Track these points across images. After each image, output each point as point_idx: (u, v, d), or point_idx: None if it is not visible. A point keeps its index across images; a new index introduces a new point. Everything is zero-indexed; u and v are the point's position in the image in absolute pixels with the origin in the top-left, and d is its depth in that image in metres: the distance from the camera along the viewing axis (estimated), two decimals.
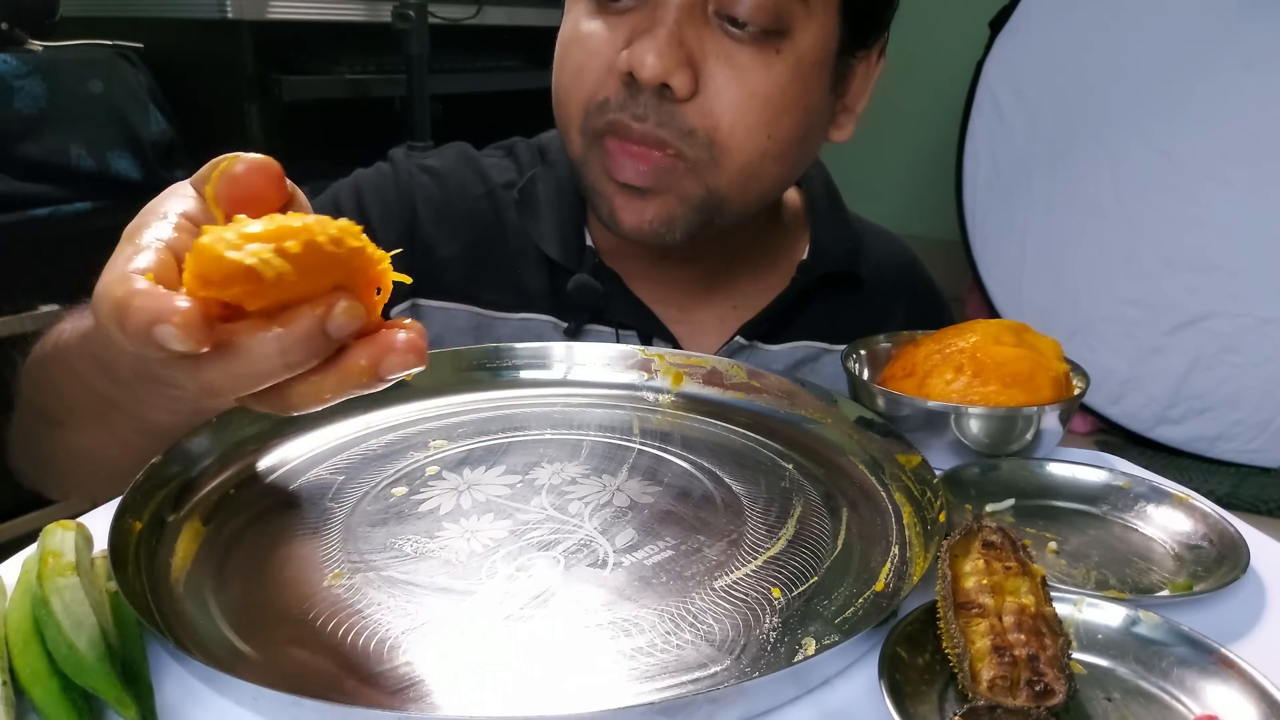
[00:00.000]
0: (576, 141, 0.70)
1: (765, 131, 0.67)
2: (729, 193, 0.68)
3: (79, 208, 1.54)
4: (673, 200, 0.68)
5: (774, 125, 0.67)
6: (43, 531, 0.46)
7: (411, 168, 0.81)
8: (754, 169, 0.68)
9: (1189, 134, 2.08)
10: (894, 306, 0.86)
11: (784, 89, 0.67)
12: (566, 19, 0.71)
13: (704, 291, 0.82)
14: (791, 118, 0.68)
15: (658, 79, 0.63)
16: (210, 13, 1.67)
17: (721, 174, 0.67)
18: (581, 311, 0.78)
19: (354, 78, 1.88)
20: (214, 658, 0.41)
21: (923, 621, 0.43)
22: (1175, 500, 0.56)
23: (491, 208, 0.81)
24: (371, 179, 0.82)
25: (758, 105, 0.66)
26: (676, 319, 0.80)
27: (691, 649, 0.42)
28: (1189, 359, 2.09)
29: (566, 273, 0.78)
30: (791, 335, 0.82)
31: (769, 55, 0.65)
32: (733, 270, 0.82)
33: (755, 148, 0.67)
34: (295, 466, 0.57)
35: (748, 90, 0.65)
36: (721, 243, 0.77)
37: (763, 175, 0.69)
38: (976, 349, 0.64)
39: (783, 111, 0.67)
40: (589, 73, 0.67)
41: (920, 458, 0.56)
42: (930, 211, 2.70)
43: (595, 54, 0.67)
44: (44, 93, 1.48)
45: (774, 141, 0.68)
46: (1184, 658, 0.42)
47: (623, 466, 0.58)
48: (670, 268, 0.80)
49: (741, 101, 0.65)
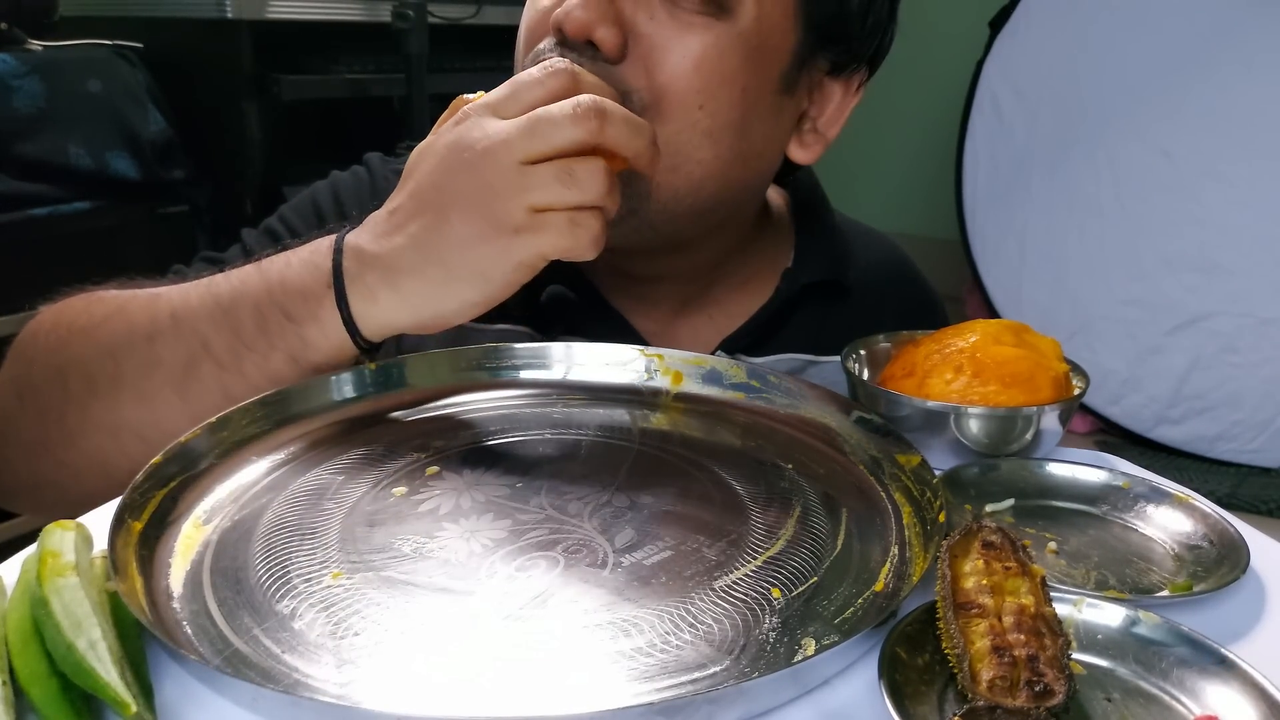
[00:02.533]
0: None
1: (697, 99, 0.65)
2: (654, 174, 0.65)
3: (78, 207, 1.54)
4: None
5: (706, 95, 0.65)
6: (42, 531, 0.46)
7: (388, 173, 0.80)
8: (682, 143, 0.65)
9: (1189, 134, 2.09)
10: (882, 312, 0.84)
11: (720, 57, 0.64)
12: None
13: (681, 304, 0.80)
14: (727, 94, 0.66)
15: (581, 32, 0.63)
16: (209, 12, 1.68)
17: None
18: (557, 322, 0.76)
19: (353, 77, 1.88)
20: (213, 658, 0.41)
21: (922, 622, 0.43)
22: (1175, 500, 0.56)
23: None
24: (348, 183, 0.81)
25: (689, 68, 0.64)
26: (654, 330, 0.78)
27: (691, 649, 0.42)
28: (1189, 359, 2.09)
29: (542, 283, 0.75)
30: (776, 347, 0.80)
31: (706, 22, 0.64)
32: (713, 281, 0.80)
33: (686, 117, 0.65)
34: (295, 466, 0.57)
35: (681, 50, 0.64)
36: (690, 257, 0.76)
37: (693, 155, 0.66)
38: (976, 349, 0.64)
39: (717, 84, 0.65)
40: (530, 33, 0.69)
41: (920, 458, 0.56)
42: (930, 211, 2.70)
43: (542, 12, 0.68)
44: (43, 92, 1.48)
45: (706, 114, 0.65)
46: (1184, 658, 0.42)
47: (622, 466, 0.58)
48: (648, 280, 0.78)
49: (675, 61, 0.64)
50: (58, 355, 0.65)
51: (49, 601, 0.40)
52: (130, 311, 0.64)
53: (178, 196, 1.69)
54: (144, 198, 1.64)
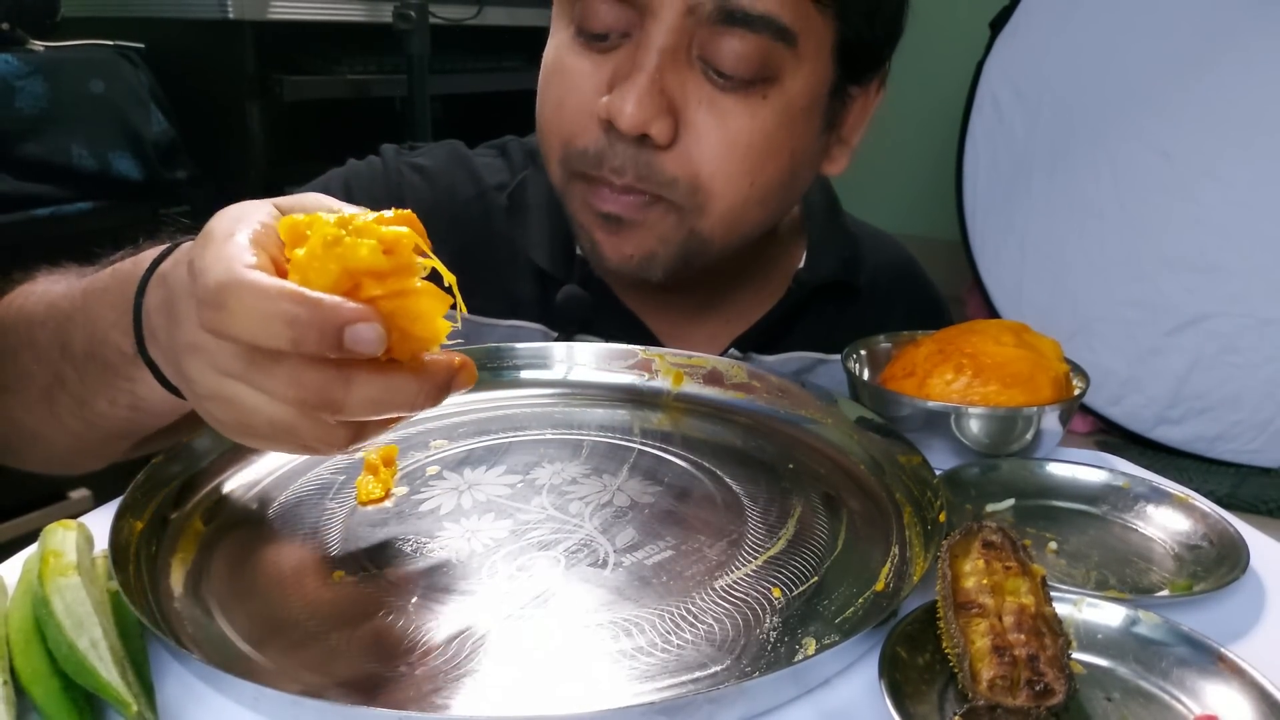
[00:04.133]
0: (557, 174, 0.70)
1: (748, 180, 0.66)
2: (711, 236, 0.68)
3: (80, 208, 1.54)
4: (651, 237, 0.67)
5: (757, 173, 0.66)
6: (43, 531, 0.46)
7: (402, 166, 0.80)
8: (737, 214, 0.67)
9: (1188, 134, 2.08)
10: (891, 313, 0.85)
11: (769, 135, 0.65)
12: (551, 43, 0.69)
13: (697, 304, 0.80)
14: (776, 164, 0.67)
15: (636, 129, 0.62)
16: (211, 13, 1.68)
17: (704, 217, 0.66)
18: (570, 322, 0.77)
19: (355, 78, 1.88)
20: (214, 657, 0.41)
21: (923, 621, 0.43)
22: (1175, 500, 0.56)
23: (482, 210, 0.80)
24: (362, 172, 0.81)
25: (740, 153, 0.64)
26: (668, 332, 0.79)
27: (691, 649, 0.42)
28: (1189, 359, 2.08)
29: (557, 281, 0.77)
30: (787, 346, 0.81)
31: (755, 102, 0.64)
32: (727, 283, 0.81)
33: (738, 194, 0.66)
34: (296, 466, 0.57)
35: (730, 138, 0.64)
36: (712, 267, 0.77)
37: (746, 219, 0.68)
38: (976, 349, 0.64)
39: (767, 158, 0.66)
40: (569, 111, 0.66)
41: (920, 458, 0.56)
42: (930, 212, 2.70)
43: (576, 91, 0.66)
44: (45, 93, 1.48)
45: (756, 188, 0.66)
46: (1184, 658, 0.42)
47: (623, 466, 0.58)
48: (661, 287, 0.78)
49: (723, 150, 0.64)
50: None
51: (50, 601, 0.41)
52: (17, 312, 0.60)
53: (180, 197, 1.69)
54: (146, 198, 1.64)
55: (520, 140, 0.85)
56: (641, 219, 0.66)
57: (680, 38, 0.62)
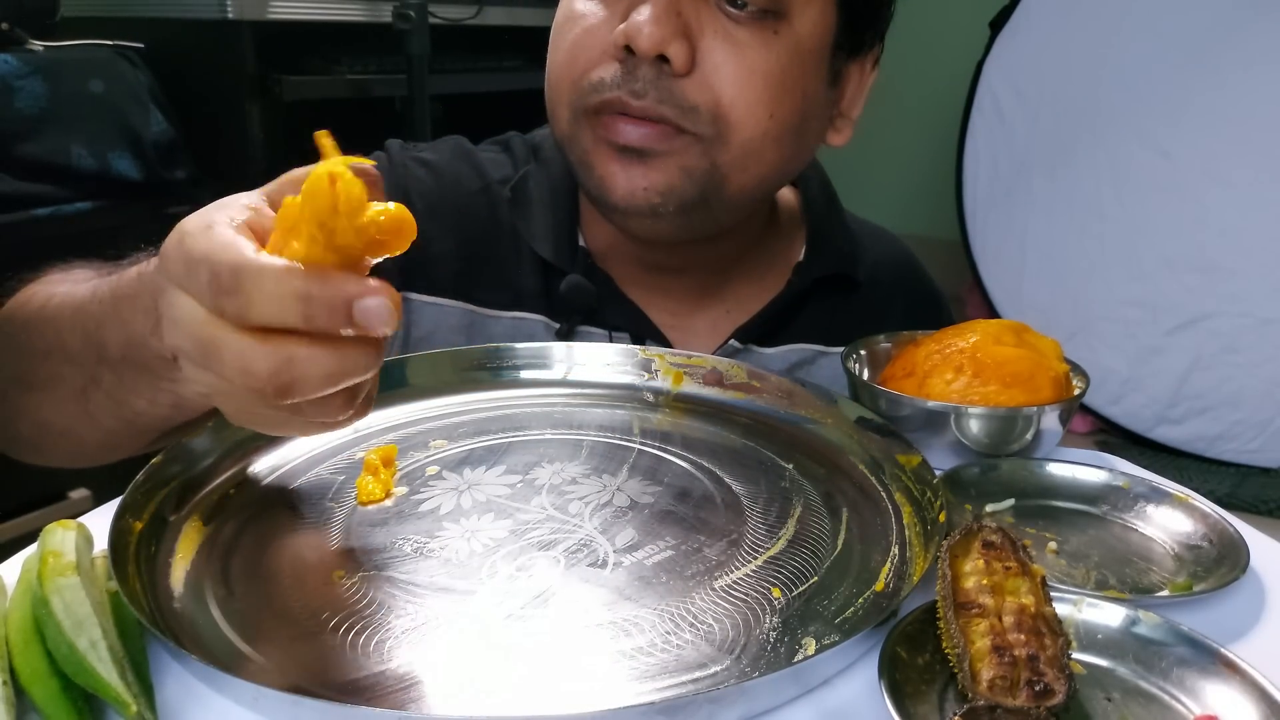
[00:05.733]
0: (564, 118, 0.70)
1: (766, 110, 0.67)
2: (730, 170, 0.68)
3: (80, 208, 1.54)
4: (674, 167, 0.67)
5: (775, 104, 0.67)
6: (43, 531, 0.46)
7: (407, 160, 0.81)
8: (755, 147, 0.68)
9: (1189, 134, 2.09)
10: (891, 307, 0.86)
11: (784, 68, 0.66)
12: (562, 4, 0.70)
13: (698, 295, 0.81)
14: (792, 100, 0.68)
15: (655, 48, 0.63)
16: (211, 13, 1.68)
17: (725, 149, 0.67)
18: (574, 313, 0.78)
19: (355, 78, 1.88)
20: (214, 657, 0.41)
21: (923, 621, 0.43)
22: (1175, 500, 0.56)
23: (487, 203, 0.80)
24: None
25: (759, 82, 0.66)
26: (670, 323, 0.80)
27: (691, 649, 0.42)
28: (1189, 359, 2.09)
29: (560, 273, 0.77)
30: (787, 338, 0.82)
31: (767, 34, 0.65)
32: (728, 274, 0.81)
33: (757, 125, 0.67)
34: (295, 466, 0.57)
35: (747, 67, 0.65)
36: (716, 247, 0.77)
37: (763, 157, 0.69)
38: (976, 349, 0.64)
39: (783, 92, 0.67)
40: (584, 50, 0.67)
41: (920, 458, 0.56)
42: (930, 211, 2.70)
43: (591, 31, 0.67)
44: (45, 93, 1.48)
45: (775, 122, 0.67)
46: (1184, 658, 0.42)
47: (623, 466, 0.58)
48: (664, 271, 0.79)
49: (742, 78, 0.65)
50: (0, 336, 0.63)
51: (50, 601, 0.41)
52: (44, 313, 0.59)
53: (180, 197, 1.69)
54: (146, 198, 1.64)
55: (523, 136, 0.85)
56: (666, 148, 0.66)
57: None
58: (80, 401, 0.56)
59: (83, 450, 0.62)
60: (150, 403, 0.52)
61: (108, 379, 0.53)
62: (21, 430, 0.63)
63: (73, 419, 0.58)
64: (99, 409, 0.55)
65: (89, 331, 0.53)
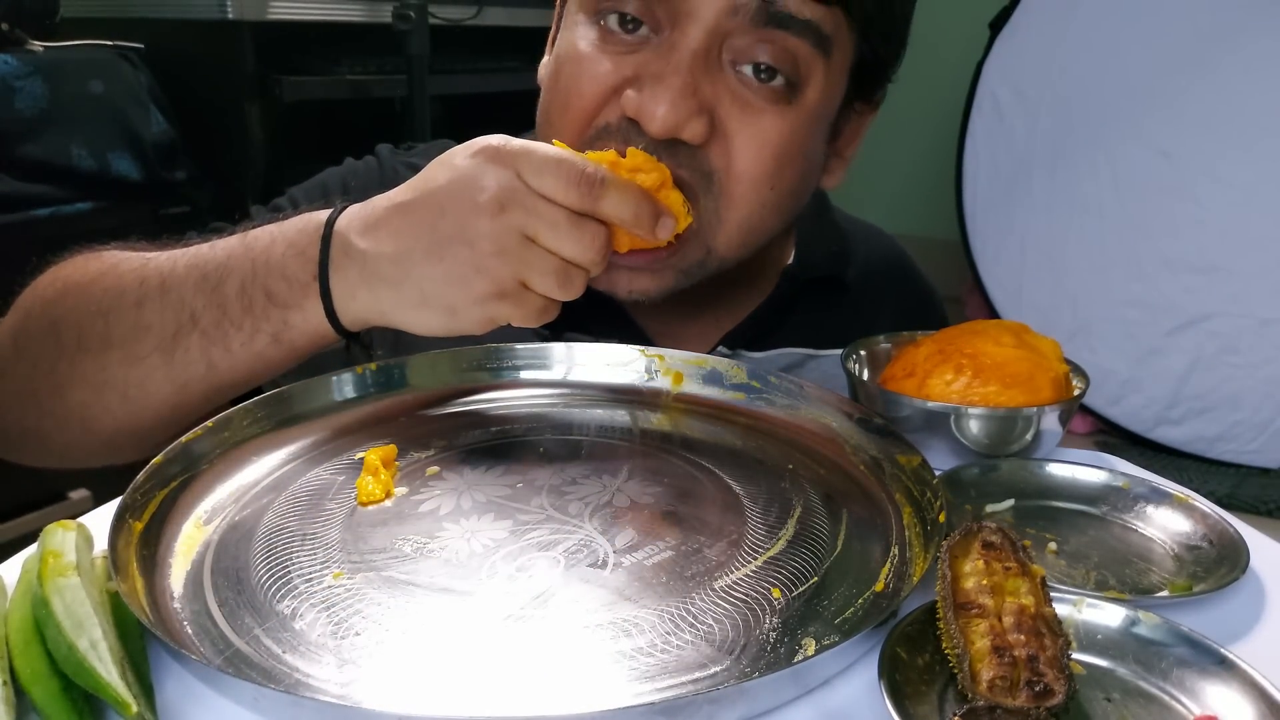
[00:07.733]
0: None
1: (769, 183, 0.66)
2: (726, 251, 0.68)
3: (80, 208, 1.54)
4: (671, 272, 0.68)
5: (778, 176, 0.66)
6: (43, 531, 0.46)
7: (397, 164, 0.81)
8: (754, 222, 0.67)
9: (1188, 134, 2.09)
10: (881, 308, 0.86)
11: (792, 140, 0.66)
12: (564, 37, 0.68)
13: (687, 302, 0.79)
14: (794, 169, 0.67)
15: (668, 133, 0.61)
16: (211, 13, 1.68)
17: (723, 230, 0.67)
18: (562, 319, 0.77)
19: (354, 78, 1.88)
20: (214, 657, 0.41)
21: (923, 622, 0.43)
22: (1175, 501, 0.56)
23: None
24: (359, 171, 0.81)
25: (768, 155, 0.65)
26: (659, 330, 0.79)
27: (691, 649, 0.42)
28: (1189, 359, 2.09)
29: None
30: (776, 342, 0.81)
31: (782, 106, 0.65)
32: (718, 280, 0.81)
33: (758, 199, 0.66)
34: (295, 466, 0.57)
35: (761, 138, 0.64)
36: None
37: (759, 229, 0.69)
38: (976, 349, 0.64)
39: (787, 163, 0.66)
40: (589, 97, 0.65)
41: (920, 458, 0.56)
42: (930, 211, 2.70)
43: (597, 79, 0.65)
44: (45, 93, 1.48)
45: (775, 193, 0.67)
46: (1184, 658, 0.42)
47: (623, 466, 0.58)
48: None
49: (755, 149, 0.64)
50: (53, 308, 0.66)
51: (50, 601, 0.41)
52: (122, 273, 0.64)
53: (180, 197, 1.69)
54: (146, 198, 1.64)
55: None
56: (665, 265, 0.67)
57: (715, 39, 0.62)
58: (164, 351, 0.60)
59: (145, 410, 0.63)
60: (248, 338, 0.59)
61: (211, 316, 0.59)
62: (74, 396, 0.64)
63: (148, 371, 0.61)
64: (187, 352, 0.60)
65: (209, 272, 0.60)
